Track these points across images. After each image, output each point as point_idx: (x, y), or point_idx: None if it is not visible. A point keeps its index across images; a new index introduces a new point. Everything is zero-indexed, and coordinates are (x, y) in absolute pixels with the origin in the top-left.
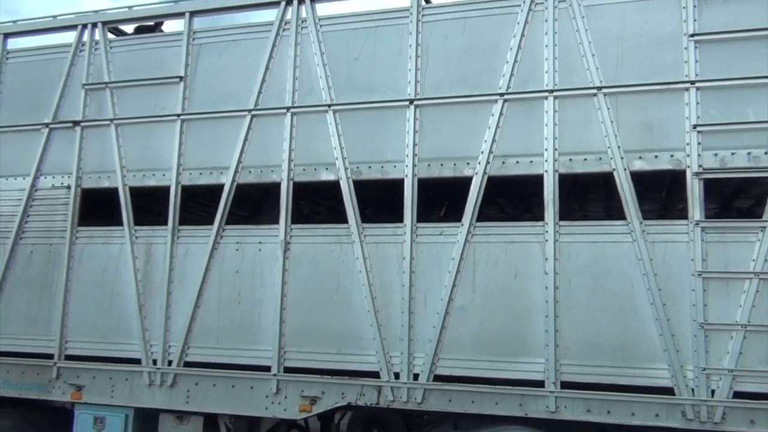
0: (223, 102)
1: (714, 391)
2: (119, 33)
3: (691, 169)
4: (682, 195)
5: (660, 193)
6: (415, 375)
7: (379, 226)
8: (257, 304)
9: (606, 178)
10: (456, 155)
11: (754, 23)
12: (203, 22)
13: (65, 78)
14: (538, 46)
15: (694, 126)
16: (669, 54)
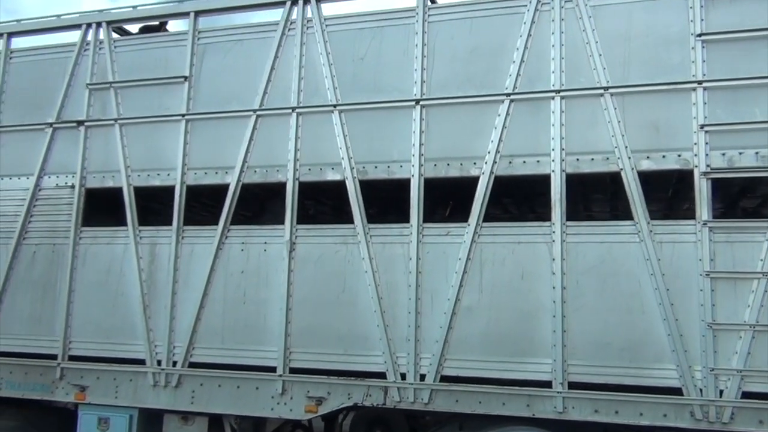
0: (228, 102)
1: (722, 392)
2: (124, 33)
3: (699, 169)
4: (688, 195)
5: (666, 193)
6: (422, 375)
7: (386, 226)
8: (262, 304)
9: (613, 178)
10: (463, 155)
11: (761, 23)
12: (208, 21)
13: (69, 77)
14: (544, 46)
15: (701, 126)
16: (676, 54)
